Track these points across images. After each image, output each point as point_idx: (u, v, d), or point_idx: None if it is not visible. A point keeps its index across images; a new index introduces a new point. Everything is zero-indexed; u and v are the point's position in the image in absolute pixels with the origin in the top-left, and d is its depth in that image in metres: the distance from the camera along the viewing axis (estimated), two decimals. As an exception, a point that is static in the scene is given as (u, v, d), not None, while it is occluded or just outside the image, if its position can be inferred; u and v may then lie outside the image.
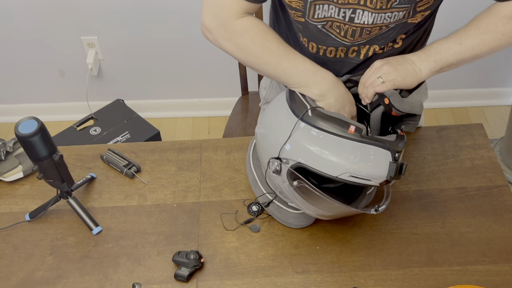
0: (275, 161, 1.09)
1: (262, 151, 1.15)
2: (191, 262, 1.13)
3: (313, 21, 1.13)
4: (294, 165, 1.06)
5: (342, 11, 1.10)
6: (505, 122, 2.59)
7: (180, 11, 2.25)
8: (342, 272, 1.14)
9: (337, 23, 1.13)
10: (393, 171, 1.03)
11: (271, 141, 1.11)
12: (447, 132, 1.41)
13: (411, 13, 1.10)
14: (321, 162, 1.03)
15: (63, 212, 1.26)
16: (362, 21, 1.10)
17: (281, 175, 1.09)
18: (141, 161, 1.36)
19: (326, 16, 1.12)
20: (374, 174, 1.03)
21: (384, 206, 1.09)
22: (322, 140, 1.03)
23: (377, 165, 1.03)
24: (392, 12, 1.08)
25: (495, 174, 1.32)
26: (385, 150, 1.03)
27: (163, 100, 2.61)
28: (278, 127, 1.10)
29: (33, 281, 1.14)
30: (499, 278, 1.13)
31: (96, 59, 2.40)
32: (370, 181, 1.03)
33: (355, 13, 1.09)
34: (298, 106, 1.08)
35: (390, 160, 1.03)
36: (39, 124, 1.09)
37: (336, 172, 1.02)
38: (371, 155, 1.02)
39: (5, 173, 1.31)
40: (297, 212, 1.19)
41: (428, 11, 1.12)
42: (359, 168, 1.02)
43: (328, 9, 1.11)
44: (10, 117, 2.61)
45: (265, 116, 1.18)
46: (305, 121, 1.05)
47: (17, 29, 2.31)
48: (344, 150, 1.02)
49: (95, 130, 2.25)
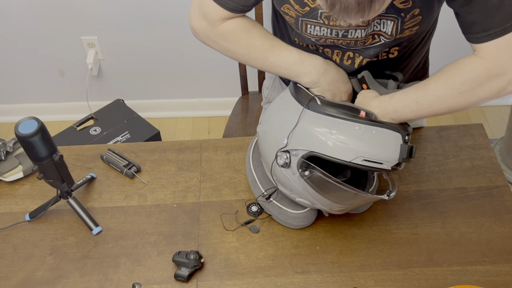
0: (283, 154, 1.08)
1: (266, 148, 1.15)
2: (191, 262, 1.13)
3: (306, 35, 1.14)
4: (306, 155, 1.05)
5: (335, 31, 1.10)
6: (505, 122, 2.58)
7: (180, 11, 2.25)
8: (342, 272, 1.14)
9: (331, 40, 1.13)
10: (405, 153, 1.04)
11: (276, 135, 1.10)
12: (447, 132, 1.41)
13: (399, 30, 1.09)
14: (334, 148, 1.03)
15: (63, 212, 1.26)
16: (356, 36, 1.11)
17: (291, 167, 1.08)
18: (141, 161, 1.36)
19: (319, 35, 1.12)
20: (386, 157, 1.04)
21: (394, 192, 1.10)
22: (334, 126, 1.04)
23: (389, 148, 1.04)
24: (381, 19, 1.07)
25: (495, 174, 1.32)
26: (395, 132, 1.04)
27: (163, 100, 2.61)
28: (283, 120, 1.10)
29: (33, 281, 1.14)
30: (499, 278, 1.13)
31: (96, 59, 2.40)
32: (382, 164, 1.04)
33: (347, 32, 1.10)
34: (304, 96, 1.09)
35: (400, 142, 1.04)
36: (39, 124, 1.09)
37: (349, 157, 1.03)
38: (383, 138, 1.04)
39: (5, 173, 1.31)
40: (297, 213, 1.19)
41: (416, 27, 1.10)
42: (372, 151, 1.03)
43: (320, 30, 1.11)
44: (10, 117, 2.61)
45: (268, 113, 1.18)
46: (315, 110, 1.06)
47: (17, 29, 2.30)
48: (356, 134, 1.03)
49: (95, 130, 2.25)
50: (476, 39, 1.01)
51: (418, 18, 1.07)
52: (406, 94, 1.08)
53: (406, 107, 1.07)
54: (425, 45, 1.27)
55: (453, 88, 1.03)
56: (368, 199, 1.17)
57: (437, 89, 1.05)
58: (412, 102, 1.06)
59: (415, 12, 1.05)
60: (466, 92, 1.03)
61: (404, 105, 1.07)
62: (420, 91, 1.07)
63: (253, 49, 1.16)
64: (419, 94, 1.06)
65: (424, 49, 1.28)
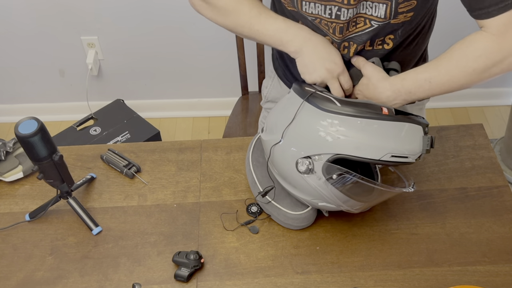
0: (305, 160, 1.06)
1: (281, 157, 1.11)
2: (191, 262, 1.13)
3: (303, 13, 1.15)
4: (332, 158, 1.05)
5: (328, 8, 1.10)
6: (505, 122, 2.59)
7: (180, 10, 2.25)
8: (342, 272, 1.14)
9: (325, 21, 1.14)
10: (427, 144, 1.05)
11: (299, 144, 1.07)
12: (447, 132, 1.41)
13: (392, 13, 1.09)
14: (362, 148, 1.03)
15: (63, 212, 1.26)
16: (348, 17, 1.11)
17: (315, 173, 1.06)
18: (141, 161, 1.36)
19: (314, 13, 1.13)
20: (411, 150, 1.05)
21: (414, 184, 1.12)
22: (359, 127, 1.03)
23: (412, 141, 1.05)
24: (373, 2, 1.07)
25: (495, 174, 1.32)
26: (416, 125, 1.05)
27: (163, 100, 2.62)
28: (302, 128, 1.07)
29: (33, 281, 1.14)
30: (499, 278, 1.13)
31: (96, 59, 2.40)
32: (407, 158, 1.05)
33: (340, 11, 1.10)
34: (321, 102, 1.07)
35: (421, 134, 1.06)
36: (39, 124, 1.09)
37: (378, 154, 1.03)
38: (407, 132, 1.05)
39: (5, 173, 1.31)
40: (296, 214, 1.19)
41: (411, 13, 1.10)
42: (399, 146, 1.04)
43: (315, 7, 1.12)
44: (10, 117, 2.61)
45: (280, 122, 1.12)
46: (336, 113, 1.05)
47: (17, 29, 2.31)
48: (382, 131, 1.04)
49: (95, 130, 2.25)
50: (486, 14, 1.01)
51: (413, 2, 1.07)
52: (418, 75, 1.10)
53: (419, 88, 1.09)
54: (422, 41, 1.26)
55: (466, 66, 1.05)
56: (392, 194, 1.17)
57: (450, 68, 1.06)
58: (425, 82, 1.08)
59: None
60: (479, 69, 1.04)
61: (417, 86, 1.09)
62: (433, 70, 1.08)
63: (241, 15, 1.18)
64: (431, 74, 1.08)
65: (421, 46, 1.28)
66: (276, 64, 1.44)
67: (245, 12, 1.18)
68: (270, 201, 1.21)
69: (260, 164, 1.25)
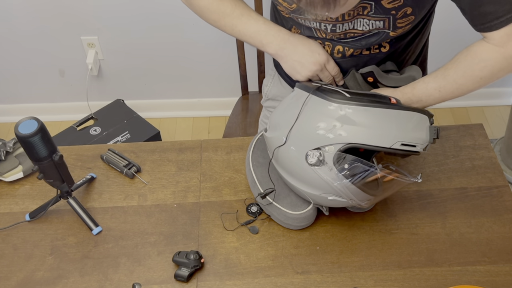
0: (315, 152, 1.06)
1: (287, 154, 1.11)
2: (191, 262, 1.13)
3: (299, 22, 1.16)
4: (343, 148, 1.05)
5: (323, 24, 1.13)
6: (505, 122, 2.58)
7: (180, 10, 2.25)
8: (342, 272, 1.14)
9: (320, 31, 1.16)
10: (433, 133, 1.07)
11: (308, 137, 1.07)
12: (447, 132, 1.41)
13: (391, 27, 1.12)
14: (372, 136, 1.04)
15: (63, 212, 1.26)
16: (344, 29, 1.14)
17: (326, 164, 1.06)
18: (141, 161, 1.36)
19: (309, 26, 1.16)
20: (419, 139, 1.07)
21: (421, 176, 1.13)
22: (370, 116, 1.04)
23: (420, 130, 1.07)
24: (369, 20, 1.10)
25: (495, 174, 1.32)
26: (423, 115, 1.08)
27: (163, 100, 2.62)
28: (314, 123, 1.07)
29: (33, 281, 1.14)
30: (499, 278, 1.13)
31: (96, 59, 2.40)
32: (415, 147, 1.06)
33: (335, 26, 1.13)
34: (330, 94, 1.07)
35: (428, 124, 1.08)
36: (39, 124, 1.09)
37: (388, 142, 1.04)
38: (415, 121, 1.07)
39: (5, 173, 1.31)
40: (296, 213, 1.19)
41: (409, 26, 1.14)
42: (408, 135, 1.05)
43: (310, 23, 1.14)
44: (10, 117, 2.61)
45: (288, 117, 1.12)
46: (346, 103, 1.05)
47: (17, 29, 2.31)
48: (392, 120, 1.05)
49: (95, 130, 2.25)
50: (489, 28, 1.04)
51: (410, 18, 1.11)
52: (427, 84, 1.14)
53: (429, 96, 1.14)
54: (420, 41, 1.27)
55: (473, 76, 1.10)
56: (401, 186, 1.17)
57: (458, 78, 1.11)
58: (435, 91, 1.13)
59: (407, 11, 1.08)
60: (486, 77, 1.10)
61: (427, 95, 1.14)
62: (441, 80, 1.12)
63: (224, 16, 1.20)
64: (440, 84, 1.12)
65: (419, 45, 1.28)
66: (276, 61, 1.45)
67: (228, 13, 1.20)
68: (271, 202, 1.20)
69: (260, 164, 1.25)
